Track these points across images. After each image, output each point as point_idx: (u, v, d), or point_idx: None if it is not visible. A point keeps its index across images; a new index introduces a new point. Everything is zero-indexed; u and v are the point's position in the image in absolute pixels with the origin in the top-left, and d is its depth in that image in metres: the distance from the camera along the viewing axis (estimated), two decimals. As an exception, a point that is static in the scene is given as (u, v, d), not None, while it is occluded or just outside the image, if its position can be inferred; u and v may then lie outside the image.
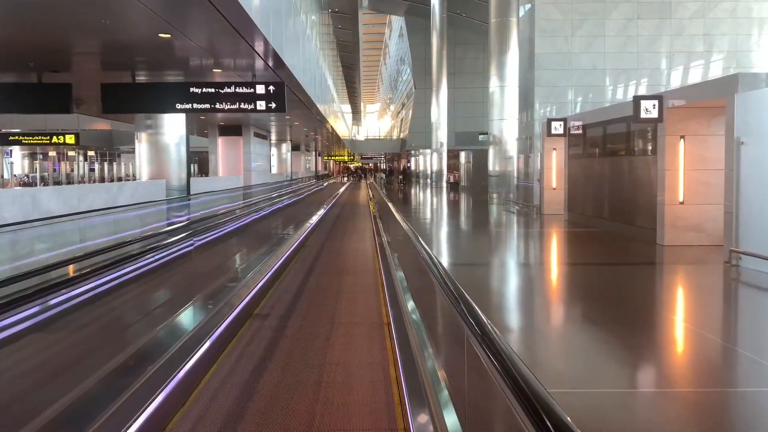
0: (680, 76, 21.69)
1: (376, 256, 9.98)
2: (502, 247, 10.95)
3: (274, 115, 21.97)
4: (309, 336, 5.26)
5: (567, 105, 21.11)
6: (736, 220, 7.89)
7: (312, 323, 5.72)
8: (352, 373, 4.30)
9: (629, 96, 21.31)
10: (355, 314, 6.19)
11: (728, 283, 7.42)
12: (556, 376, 3.96)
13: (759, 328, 5.53)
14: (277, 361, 4.59)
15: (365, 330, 5.45)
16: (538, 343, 4.85)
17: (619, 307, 5.92)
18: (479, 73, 41.86)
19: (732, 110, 7.88)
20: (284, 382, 4.11)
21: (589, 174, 13.36)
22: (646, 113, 9.84)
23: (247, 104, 9.81)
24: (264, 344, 5.05)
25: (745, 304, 6.51)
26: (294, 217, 18.34)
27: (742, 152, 7.75)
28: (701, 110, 9.69)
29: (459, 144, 40.61)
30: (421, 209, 21.17)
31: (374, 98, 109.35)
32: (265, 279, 6.63)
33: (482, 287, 6.91)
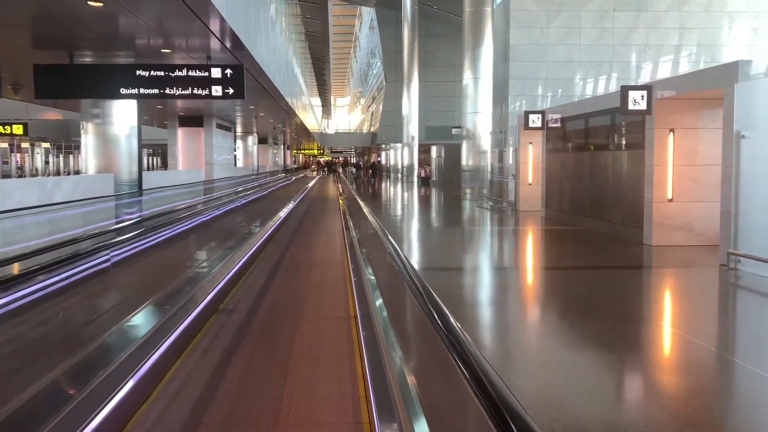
0: (650, 71, 21.32)
1: (347, 275, 9.13)
2: (477, 249, 10.21)
3: (239, 106, 20.85)
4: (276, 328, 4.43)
5: (537, 99, 20.54)
6: (735, 220, 7.28)
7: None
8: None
9: (599, 90, 20.86)
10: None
11: (730, 290, 6.79)
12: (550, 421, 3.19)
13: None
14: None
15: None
16: (522, 372, 4.09)
17: (613, 322, 5.19)
18: (451, 67, 41.26)
19: (731, 101, 7.25)
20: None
21: (569, 169, 12.73)
22: (634, 104, 9.19)
23: (202, 89, 8.84)
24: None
25: (752, 314, 5.87)
26: (258, 214, 17.35)
27: (743, 146, 7.13)
28: (692, 102, 9.09)
29: (430, 138, 39.96)
30: (392, 206, 20.38)
31: (344, 92, 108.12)
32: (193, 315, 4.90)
33: (459, 298, 6.15)
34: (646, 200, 9.48)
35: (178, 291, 5.67)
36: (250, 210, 17.93)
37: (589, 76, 21.23)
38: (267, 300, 6.32)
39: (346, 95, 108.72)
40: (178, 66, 8.86)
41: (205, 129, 22.37)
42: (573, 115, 12.57)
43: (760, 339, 4.97)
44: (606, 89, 20.90)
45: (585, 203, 11.92)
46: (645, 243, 9.43)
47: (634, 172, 10.03)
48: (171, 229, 8.78)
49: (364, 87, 68.56)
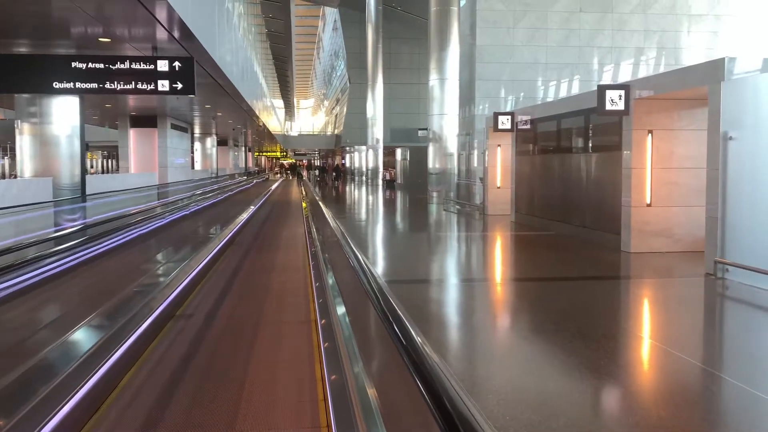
0: (611, 74, 21.20)
1: (310, 286, 8.41)
2: (446, 258, 9.62)
3: (196, 105, 19.89)
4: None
5: (503, 100, 20.17)
6: (722, 227, 6.85)
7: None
8: None
9: (562, 93, 20.62)
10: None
11: (721, 302, 6.34)
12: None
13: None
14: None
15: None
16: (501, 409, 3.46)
17: (602, 344, 4.63)
18: (416, 69, 40.91)
19: (717, 100, 6.83)
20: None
21: (541, 172, 12.28)
22: (612, 104, 8.75)
23: (147, 84, 8.00)
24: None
25: (747, 328, 5.39)
26: (215, 219, 16.45)
27: (730, 148, 6.70)
28: (672, 102, 8.69)
29: (395, 141, 39.44)
30: (357, 210, 19.70)
31: (308, 93, 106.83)
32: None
33: (427, 317, 5.52)
34: (623, 205, 9.04)
35: (101, 324, 4.90)
36: (207, 215, 17.02)
37: (555, 78, 20.99)
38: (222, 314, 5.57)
39: (309, 97, 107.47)
40: (119, 58, 8.00)
41: (158, 129, 21.27)
42: (544, 116, 12.12)
43: (758, 356, 4.47)
44: (568, 92, 20.69)
45: (558, 207, 11.48)
46: (623, 250, 8.99)
47: (610, 176, 9.60)
48: (113, 239, 7.94)
49: (328, 89, 67.67)
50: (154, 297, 5.30)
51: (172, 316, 5.40)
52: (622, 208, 9.08)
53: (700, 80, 7.35)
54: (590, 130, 10.31)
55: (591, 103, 9.93)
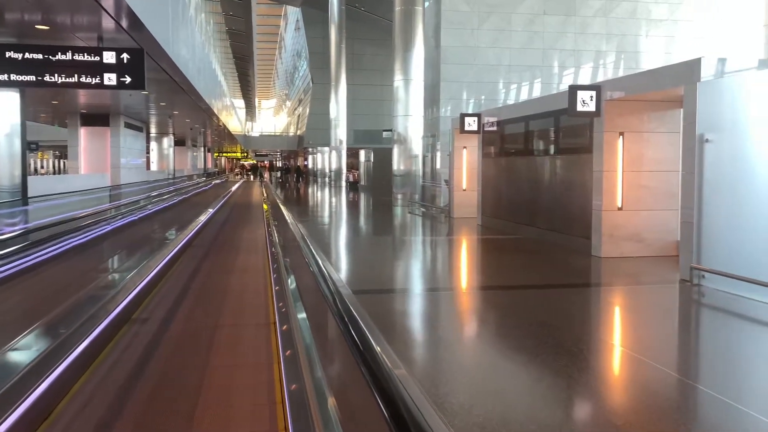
0: (571, 78, 21.28)
1: (270, 298, 7.92)
2: (412, 265, 9.24)
3: (152, 103, 19.04)
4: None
5: (467, 102, 19.99)
6: (698, 232, 6.65)
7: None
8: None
9: (523, 96, 20.57)
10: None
11: (699, 310, 6.13)
12: None
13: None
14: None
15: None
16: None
17: (581, 358, 4.31)
18: (379, 71, 40.60)
19: (693, 101, 6.63)
20: None
21: (508, 175, 12.03)
22: (583, 106, 8.52)
23: (91, 77, 7.36)
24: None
25: (728, 338, 5.16)
26: (170, 223, 15.73)
27: (707, 151, 6.51)
28: (643, 104, 8.52)
29: (358, 142, 39.02)
30: (320, 213, 19.18)
31: (270, 94, 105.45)
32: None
33: (390, 328, 5.12)
34: (594, 209, 8.83)
35: (48, 331, 4.48)
36: (163, 218, 16.27)
37: (518, 81, 20.93)
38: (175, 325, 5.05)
39: (271, 97, 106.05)
40: (60, 48, 7.35)
41: (111, 128, 20.30)
42: (512, 117, 11.88)
43: (736, 366, 4.22)
44: (529, 94, 20.66)
45: (526, 211, 11.24)
46: (593, 254, 8.77)
47: (580, 178, 9.39)
48: (54, 247, 7.29)
49: (290, 89, 66.75)
50: (104, 304, 5.25)
51: (126, 320, 5.33)
52: (592, 211, 8.87)
53: (674, 81, 7.16)
54: (560, 132, 10.09)
55: (561, 105, 9.71)
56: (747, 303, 5.83)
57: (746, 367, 4.33)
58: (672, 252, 8.71)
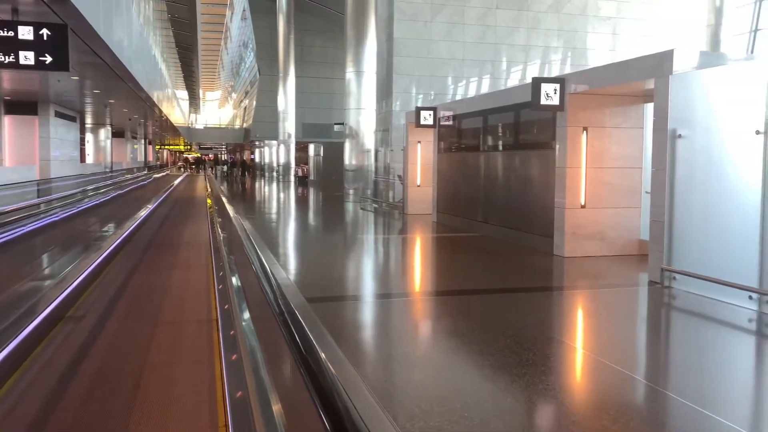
0: (519, 74, 21.17)
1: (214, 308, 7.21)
2: (366, 267, 8.69)
3: (87, 90, 17.71)
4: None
5: (419, 96, 19.55)
6: (669, 231, 6.37)
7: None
8: None
9: (471, 92, 20.29)
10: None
11: (671, 313, 5.83)
12: None
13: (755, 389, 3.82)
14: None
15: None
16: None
17: (553, 374, 3.87)
18: (329, 63, 39.78)
19: (664, 95, 6.32)
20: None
21: (465, 170, 11.63)
22: (547, 99, 8.16)
23: (3, 55, 6.44)
24: None
25: (698, 342, 4.83)
26: (107, 219, 14.66)
27: (679, 148, 6.22)
28: (608, 98, 8.22)
29: (307, 136, 38.12)
30: (267, 208, 18.38)
31: (215, 85, 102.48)
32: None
33: (338, 337, 4.58)
34: (557, 206, 8.49)
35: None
36: (99, 214, 15.15)
37: (472, 75, 20.65)
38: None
39: (216, 89, 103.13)
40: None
41: (39, 117, 18.80)
42: (470, 111, 11.48)
43: (718, 377, 3.89)
44: (478, 90, 20.41)
45: (484, 208, 10.86)
46: (556, 254, 8.45)
47: (541, 175, 9.05)
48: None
49: (236, 80, 64.85)
50: (37, 300, 5.17)
51: (61, 318, 5.15)
52: (555, 209, 8.54)
53: (644, 74, 6.85)
54: (520, 127, 9.73)
55: (522, 98, 9.35)
56: (721, 306, 5.56)
57: (722, 375, 4.01)
58: (634, 251, 8.49)
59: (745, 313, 5.35)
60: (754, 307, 5.34)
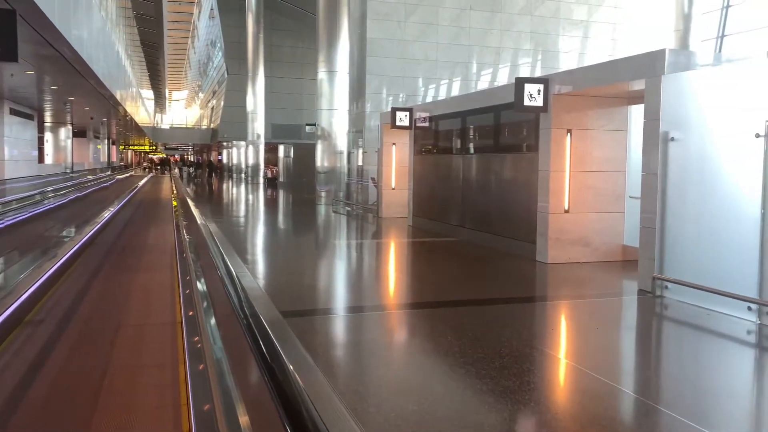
0: (489, 77, 21.02)
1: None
2: (337, 274, 8.29)
3: (46, 87, 16.84)
4: None
5: (390, 98, 19.20)
6: (660, 238, 6.11)
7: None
8: None
9: (441, 94, 20.04)
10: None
11: (665, 325, 5.57)
12: None
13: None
14: None
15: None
16: None
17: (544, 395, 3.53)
18: (299, 63, 39.17)
19: (656, 96, 6.08)
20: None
21: (443, 173, 11.30)
22: (530, 100, 7.87)
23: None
24: None
25: (696, 356, 4.57)
26: (67, 222, 13.91)
27: (671, 151, 5.97)
28: (592, 99, 7.98)
29: (277, 137, 37.41)
30: (235, 212, 17.78)
31: (182, 85, 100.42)
32: None
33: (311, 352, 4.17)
34: (540, 211, 8.21)
35: None
36: (54, 219, 14.38)
37: (445, 77, 20.40)
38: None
39: (183, 88, 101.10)
40: None
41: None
42: (448, 112, 11.16)
43: (724, 392, 3.61)
44: (448, 93, 20.18)
45: (462, 212, 10.54)
46: (539, 260, 8.16)
47: (523, 179, 8.76)
48: None
49: (204, 80, 63.54)
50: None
51: (19, 321, 5.05)
52: (538, 214, 8.25)
53: (634, 74, 6.60)
54: (501, 129, 9.43)
55: (503, 99, 9.07)
56: (718, 317, 5.31)
57: (724, 391, 3.74)
58: (618, 257, 8.27)
59: (743, 324, 5.11)
60: (753, 319, 5.11)
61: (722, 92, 5.56)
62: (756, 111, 5.10)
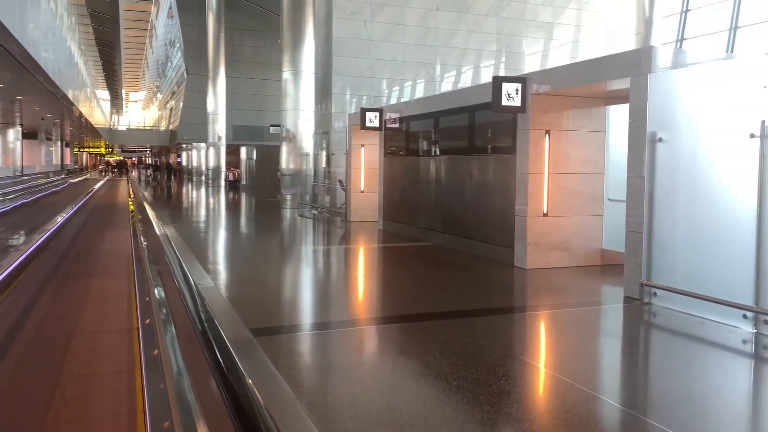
0: (452, 79, 20.84)
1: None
2: (306, 284, 7.84)
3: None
4: None
5: (356, 98, 18.80)
6: (648, 243, 5.87)
7: None
8: None
9: (405, 96, 19.75)
10: None
11: (657, 335, 5.31)
12: None
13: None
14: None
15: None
16: None
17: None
18: (260, 63, 38.36)
19: (642, 95, 5.83)
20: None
21: (415, 176, 10.94)
22: (508, 100, 7.58)
23: None
24: None
25: (702, 371, 4.31)
26: (15, 228, 13.04)
27: (659, 152, 5.74)
28: (571, 99, 7.74)
29: (239, 139, 36.52)
30: (195, 216, 17.08)
31: (139, 85, 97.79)
32: None
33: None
34: (518, 214, 7.92)
35: None
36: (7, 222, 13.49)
37: (413, 77, 20.11)
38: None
39: (141, 89, 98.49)
40: None
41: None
42: (420, 113, 10.81)
43: (723, 407, 3.33)
44: (412, 94, 19.91)
45: (436, 216, 10.19)
46: (517, 265, 7.87)
47: (500, 181, 8.47)
48: None
49: (162, 80, 61.87)
50: None
51: None
52: (516, 218, 7.97)
53: (618, 72, 6.36)
54: (477, 130, 9.12)
55: (479, 99, 8.77)
56: (711, 326, 5.08)
57: (723, 404, 3.45)
58: (597, 261, 8.05)
59: (739, 333, 4.88)
60: (749, 328, 4.88)
61: (715, 91, 5.34)
62: (751, 110, 4.88)
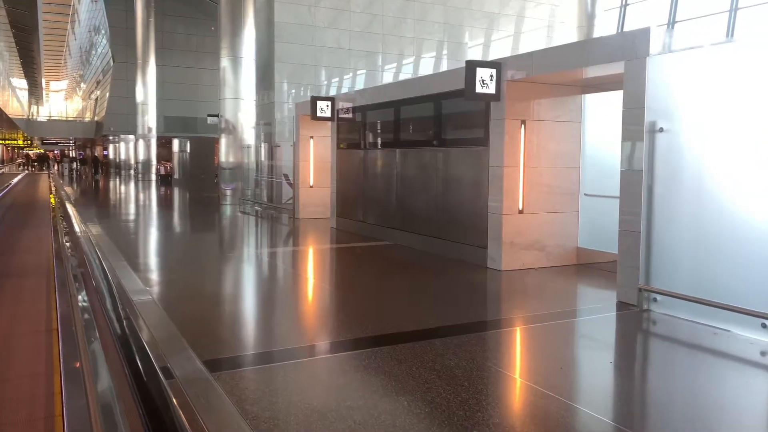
0: (393, 71, 20.23)
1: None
2: (254, 297, 6.96)
3: None
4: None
5: (295, 86, 17.83)
6: (646, 243, 5.34)
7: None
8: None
9: (345, 87, 18.95)
10: None
11: (676, 351, 4.76)
12: None
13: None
14: None
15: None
16: None
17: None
18: (193, 52, 36.41)
19: (639, 81, 5.28)
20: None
21: (372, 170, 10.17)
22: (483, 87, 6.91)
23: None
24: None
25: (731, 390, 3.78)
26: None
27: (659, 144, 5.20)
28: (549, 87, 7.17)
29: (170, 130, 34.53)
30: (124, 214, 15.67)
31: (61, 74, 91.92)
32: None
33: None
34: (491, 212, 7.29)
35: None
36: None
37: (359, 66, 19.29)
38: None
39: (63, 78, 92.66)
40: None
41: None
42: (378, 102, 10.02)
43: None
44: (353, 85, 19.14)
45: (396, 213, 9.46)
46: (491, 267, 7.25)
47: (470, 176, 7.82)
48: None
49: (86, 68, 58.13)
50: None
51: None
52: (489, 215, 7.34)
53: (608, 56, 5.79)
54: (444, 120, 8.42)
55: (445, 87, 8.08)
56: (723, 336, 4.58)
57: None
58: (572, 260, 7.55)
59: (757, 344, 4.40)
60: (767, 338, 4.41)
61: (727, 76, 4.82)
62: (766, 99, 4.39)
